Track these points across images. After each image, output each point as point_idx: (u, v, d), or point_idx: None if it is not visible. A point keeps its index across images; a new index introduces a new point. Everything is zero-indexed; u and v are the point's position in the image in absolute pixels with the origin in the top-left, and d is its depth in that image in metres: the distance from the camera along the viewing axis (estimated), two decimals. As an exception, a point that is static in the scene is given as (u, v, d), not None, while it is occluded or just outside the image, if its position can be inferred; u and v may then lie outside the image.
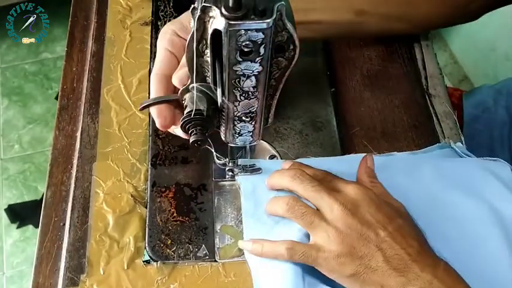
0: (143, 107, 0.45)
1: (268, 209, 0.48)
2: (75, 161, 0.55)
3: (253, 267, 0.47)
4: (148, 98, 0.58)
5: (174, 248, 0.49)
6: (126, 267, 0.48)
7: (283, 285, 0.44)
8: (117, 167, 0.54)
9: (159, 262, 0.48)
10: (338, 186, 0.45)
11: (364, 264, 0.41)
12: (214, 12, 0.33)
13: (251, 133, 0.44)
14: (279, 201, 0.46)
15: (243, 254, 0.48)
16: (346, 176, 0.48)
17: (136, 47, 0.62)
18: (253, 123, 0.43)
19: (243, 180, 0.51)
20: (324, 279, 0.45)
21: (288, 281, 0.44)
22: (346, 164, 0.51)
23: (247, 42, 0.33)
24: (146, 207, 0.51)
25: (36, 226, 1.36)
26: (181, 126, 0.45)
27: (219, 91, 0.40)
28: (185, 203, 0.51)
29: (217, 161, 0.52)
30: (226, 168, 0.52)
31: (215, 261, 0.49)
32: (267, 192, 0.49)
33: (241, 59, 0.35)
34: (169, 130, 0.48)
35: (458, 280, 0.41)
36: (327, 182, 0.46)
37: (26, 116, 1.59)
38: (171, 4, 0.65)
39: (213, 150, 0.48)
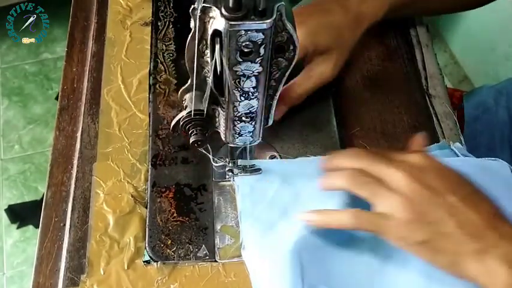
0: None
1: (324, 184, 0.45)
2: (75, 162, 0.55)
3: (251, 269, 0.47)
4: (149, 98, 0.58)
5: (174, 248, 0.49)
6: (126, 268, 0.48)
7: (281, 287, 0.44)
8: (117, 167, 0.54)
9: (159, 262, 0.48)
10: (398, 156, 0.44)
11: (435, 230, 0.39)
12: (215, 12, 0.33)
13: (251, 133, 0.44)
14: (341, 174, 0.43)
15: (243, 254, 0.48)
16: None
17: (137, 47, 0.62)
18: (253, 123, 0.43)
19: (240, 182, 0.51)
20: (324, 280, 0.45)
21: (287, 282, 0.44)
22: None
23: (247, 43, 0.33)
24: (146, 208, 0.51)
25: (37, 226, 1.36)
26: (181, 126, 0.45)
27: (219, 91, 0.40)
28: (185, 203, 0.51)
29: (214, 164, 0.51)
30: (226, 169, 0.52)
31: (215, 261, 0.49)
32: (263, 193, 0.49)
33: (241, 60, 0.35)
34: None
35: None
36: (385, 154, 0.44)
37: (26, 116, 1.59)
38: (171, 4, 0.65)
39: (210, 156, 0.48)
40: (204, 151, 0.48)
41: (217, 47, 0.34)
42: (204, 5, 0.33)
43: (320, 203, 0.48)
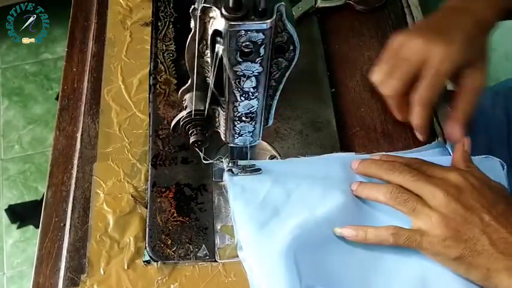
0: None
1: (367, 195, 0.48)
2: (75, 162, 0.55)
3: (249, 270, 0.47)
4: (149, 98, 0.58)
5: (174, 248, 0.49)
6: (126, 268, 0.48)
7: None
8: (117, 167, 0.54)
9: (159, 262, 0.48)
10: (437, 173, 0.46)
11: (470, 247, 0.42)
12: (215, 12, 0.33)
13: (251, 133, 0.44)
14: (382, 188, 0.47)
15: (243, 254, 0.48)
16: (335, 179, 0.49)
17: (137, 47, 0.62)
18: (253, 123, 0.43)
19: (231, 182, 0.50)
20: (319, 279, 0.45)
21: (285, 283, 0.44)
22: (336, 166, 0.52)
23: (248, 43, 0.33)
24: (146, 208, 0.51)
25: (37, 226, 1.36)
26: (181, 127, 0.45)
27: (219, 91, 0.40)
28: (185, 203, 0.51)
29: (204, 162, 0.51)
30: (226, 169, 0.52)
31: (215, 261, 0.49)
32: (255, 193, 0.49)
33: (241, 60, 0.35)
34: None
35: None
36: (423, 170, 0.47)
37: (26, 116, 1.59)
38: (171, 5, 0.65)
39: (201, 154, 0.49)
40: (198, 150, 0.48)
41: (221, 47, 0.34)
42: (204, 5, 0.33)
43: (312, 204, 0.48)
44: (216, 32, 0.34)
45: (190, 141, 0.45)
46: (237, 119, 0.42)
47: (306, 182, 0.50)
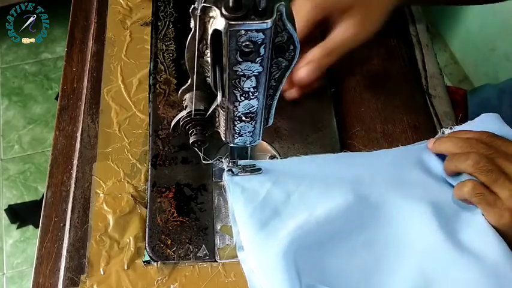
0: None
1: (449, 167, 0.48)
2: (75, 162, 0.55)
3: (248, 271, 0.47)
4: (149, 98, 0.58)
5: (174, 248, 0.49)
6: (126, 268, 0.48)
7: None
8: (117, 167, 0.54)
9: (159, 262, 0.48)
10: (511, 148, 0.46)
11: None
12: (215, 12, 0.33)
13: (251, 133, 0.44)
14: (464, 156, 0.46)
15: (243, 254, 0.48)
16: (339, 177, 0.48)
17: (137, 47, 0.62)
18: (253, 123, 0.43)
19: (230, 183, 0.50)
20: (320, 279, 0.45)
21: (284, 283, 0.43)
22: (340, 164, 0.52)
23: (247, 43, 0.33)
24: (146, 208, 0.51)
25: (37, 226, 1.36)
26: (181, 127, 0.45)
27: (219, 91, 0.40)
28: (185, 203, 0.51)
29: (204, 162, 0.51)
30: (226, 169, 0.52)
31: (215, 261, 0.49)
32: (255, 193, 0.49)
33: (241, 59, 0.35)
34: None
35: None
36: (498, 145, 0.46)
37: (26, 116, 1.59)
38: (171, 4, 0.65)
39: (201, 154, 0.48)
40: (197, 150, 0.48)
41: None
42: (204, 4, 0.33)
43: (312, 204, 0.48)
44: (216, 32, 0.34)
45: (190, 141, 0.45)
46: (237, 119, 0.42)
47: (306, 181, 0.50)
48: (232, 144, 0.46)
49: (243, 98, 0.39)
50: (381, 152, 0.53)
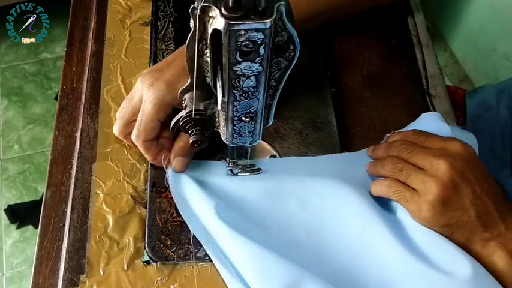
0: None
1: (371, 171, 0.50)
2: (74, 162, 0.55)
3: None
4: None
5: (174, 248, 0.49)
6: (126, 268, 0.48)
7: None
8: (116, 167, 0.54)
9: (159, 263, 0.48)
10: (435, 143, 0.47)
11: (457, 217, 0.43)
12: (214, 12, 0.33)
13: (251, 133, 0.44)
14: (379, 163, 0.49)
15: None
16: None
17: (136, 47, 0.62)
18: (253, 123, 0.43)
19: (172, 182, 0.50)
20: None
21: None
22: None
23: (247, 42, 0.33)
24: (146, 208, 0.51)
25: (36, 226, 1.36)
26: (180, 127, 0.45)
27: (219, 91, 0.40)
28: (185, 204, 0.51)
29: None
30: (226, 169, 0.52)
31: (215, 261, 0.48)
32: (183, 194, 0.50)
33: (241, 59, 0.35)
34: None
35: None
36: (421, 141, 0.48)
37: (25, 116, 1.59)
38: (171, 4, 0.65)
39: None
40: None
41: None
42: (203, 4, 0.33)
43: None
44: (216, 32, 0.34)
45: (190, 141, 0.44)
46: (237, 118, 0.42)
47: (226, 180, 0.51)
48: (232, 144, 0.46)
49: (242, 98, 0.39)
50: (331, 156, 0.54)
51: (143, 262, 0.49)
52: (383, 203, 0.49)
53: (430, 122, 0.53)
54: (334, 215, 0.48)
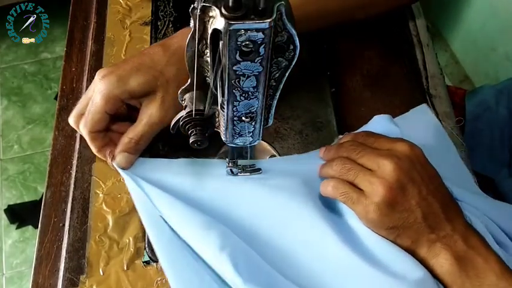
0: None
1: (321, 172, 0.49)
2: (74, 162, 0.55)
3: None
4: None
5: (174, 248, 0.49)
6: (125, 268, 0.48)
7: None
8: (116, 167, 0.54)
9: (158, 263, 0.48)
10: (383, 144, 0.46)
11: (403, 218, 0.43)
12: (214, 12, 0.33)
13: (251, 133, 0.44)
14: (327, 165, 0.48)
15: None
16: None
17: (136, 47, 0.62)
18: (253, 123, 0.43)
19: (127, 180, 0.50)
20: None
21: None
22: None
23: (247, 42, 0.33)
24: (146, 208, 0.51)
25: (36, 227, 1.36)
26: (180, 127, 0.45)
27: (219, 91, 0.40)
28: (185, 204, 0.51)
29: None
30: (226, 168, 0.51)
31: (215, 261, 0.48)
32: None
33: (241, 59, 0.35)
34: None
35: (481, 242, 0.43)
36: (370, 143, 0.47)
37: (25, 116, 1.59)
38: (171, 4, 0.65)
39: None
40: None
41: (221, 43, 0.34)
42: (203, 4, 0.33)
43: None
44: (216, 32, 0.34)
45: (190, 141, 0.44)
46: (237, 119, 0.42)
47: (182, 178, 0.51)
48: (232, 144, 0.46)
49: (242, 98, 0.39)
50: (293, 156, 0.54)
51: (143, 262, 0.49)
52: (332, 205, 0.49)
53: (381, 124, 0.53)
54: (278, 217, 0.48)
